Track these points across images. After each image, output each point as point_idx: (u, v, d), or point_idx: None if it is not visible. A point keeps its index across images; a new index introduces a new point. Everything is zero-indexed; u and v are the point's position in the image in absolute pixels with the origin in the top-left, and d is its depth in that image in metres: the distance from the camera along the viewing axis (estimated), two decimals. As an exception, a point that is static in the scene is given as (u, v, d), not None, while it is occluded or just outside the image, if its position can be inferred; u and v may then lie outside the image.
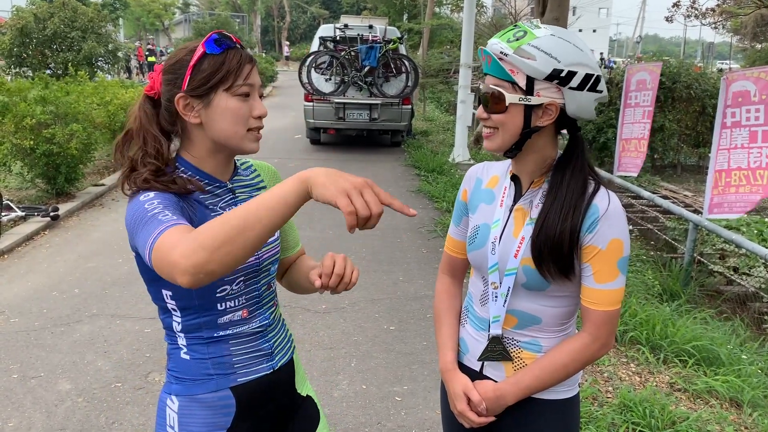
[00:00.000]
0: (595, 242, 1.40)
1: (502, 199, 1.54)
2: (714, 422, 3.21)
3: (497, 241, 1.51)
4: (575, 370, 1.47)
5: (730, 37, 31.14)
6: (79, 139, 7.41)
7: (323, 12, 47.99)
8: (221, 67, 1.32)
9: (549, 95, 1.38)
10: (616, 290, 1.42)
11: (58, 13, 14.52)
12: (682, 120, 10.37)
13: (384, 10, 24.23)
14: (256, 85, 1.38)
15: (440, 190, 8.37)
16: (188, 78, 1.33)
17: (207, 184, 1.42)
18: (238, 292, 1.43)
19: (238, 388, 1.45)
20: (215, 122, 1.35)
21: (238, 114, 1.35)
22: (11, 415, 3.30)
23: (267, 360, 1.50)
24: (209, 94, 1.33)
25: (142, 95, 1.43)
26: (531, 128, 1.42)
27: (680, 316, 4.54)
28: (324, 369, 3.82)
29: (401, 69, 11.48)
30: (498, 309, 1.53)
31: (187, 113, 1.35)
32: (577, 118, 1.43)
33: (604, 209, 1.39)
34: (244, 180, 1.51)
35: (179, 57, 1.36)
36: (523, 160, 1.49)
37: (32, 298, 4.83)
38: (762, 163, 5.00)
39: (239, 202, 1.45)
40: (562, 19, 6.42)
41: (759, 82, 5.03)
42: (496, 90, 1.41)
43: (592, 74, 1.37)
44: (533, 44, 1.35)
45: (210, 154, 1.41)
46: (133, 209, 1.26)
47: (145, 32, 52.28)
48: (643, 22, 53.92)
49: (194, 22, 38.45)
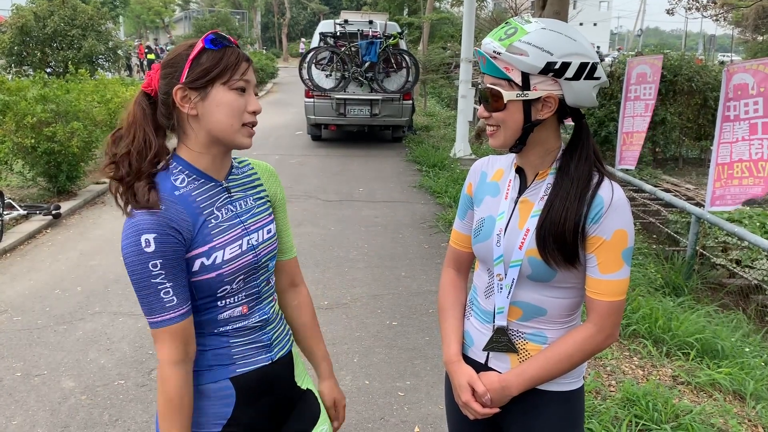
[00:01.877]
0: (600, 233, 1.41)
1: (507, 191, 1.55)
2: (717, 415, 3.21)
3: (502, 233, 1.51)
4: (580, 360, 1.48)
5: (732, 29, 31.05)
6: (80, 137, 7.41)
7: (323, 8, 47.91)
8: (220, 61, 1.36)
9: (546, 88, 1.40)
10: (621, 281, 1.42)
11: (58, 11, 14.51)
12: (684, 113, 10.34)
13: (384, 6, 24.14)
14: (251, 83, 1.42)
15: (442, 186, 8.36)
16: (187, 70, 1.35)
17: (203, 183, 1.42)
18: (237, 289, 1.45)
19: (237, 378, 1.47)
20: (211, 114, 1.37)
21: (234, 107, 1.37)
22: (15, 413, 3.31)
23: (266, 351, 1.52)
24: (207, 86, 1.36)
25: (139, 92, 1.44)
26: (532, 122, 1.43)
27: (683, 309, 4.54)
28: (327, 365, 3.82)
29: (402, 64, 11.46)
30: (503, 300, 1.53)
31: (185, 104, 1.37)
32: (578, 107, 1.44)
33: (609, 200, 1.40)
34: (239, 178, 1.52)
35: (178, 52, 1.39)
36: (528, 153, 1.50)
37: (35, 296, 4.84)
38: (764, 154, 4.98)
39: (235, 202, 1.47)
40: (562, 13, 6.39)
41: (757, 75, 5.00)
42: (494, 89, 1.42)
43: (587, 62, 1.37)
44: (524, 40, 1.36)
45: (205, 149, 1.41)
46: (132, 253, 1.30)
47: (145, 30, 52.26)
48: (643, 15, 53.76)
49: (194, 19, 38.37)
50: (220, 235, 1.40)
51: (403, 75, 11.47)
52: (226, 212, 1.44)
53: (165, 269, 1.31)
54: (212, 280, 1.39)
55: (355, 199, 8.06)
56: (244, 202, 1.49)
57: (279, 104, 18.80)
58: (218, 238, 1.40)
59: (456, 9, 22.28)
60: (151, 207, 1.31)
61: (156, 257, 1.30)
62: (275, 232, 1.55)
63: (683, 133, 10.78)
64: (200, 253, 1.37)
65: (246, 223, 1.47)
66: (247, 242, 1.45)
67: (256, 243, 1.48)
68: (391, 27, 11.81)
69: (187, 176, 1.41)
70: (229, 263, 1.41)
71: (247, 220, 1.48)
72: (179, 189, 1.39)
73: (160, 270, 1.31)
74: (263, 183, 1.58)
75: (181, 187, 1.39)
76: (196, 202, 1.39)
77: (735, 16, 23.57)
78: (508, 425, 1.62)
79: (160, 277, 1.31)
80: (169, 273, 1.32)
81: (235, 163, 1.54)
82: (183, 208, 1.36)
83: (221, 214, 1.43)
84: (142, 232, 1.29)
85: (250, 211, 1.50)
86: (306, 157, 10.74)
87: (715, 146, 5.36)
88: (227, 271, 1.40)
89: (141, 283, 1.32)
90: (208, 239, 1.38)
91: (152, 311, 1.33)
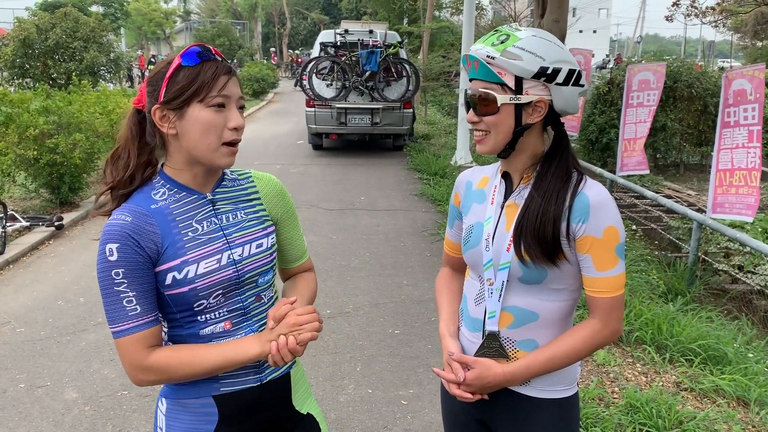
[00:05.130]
0: (591, 232, 1.42)
1: (493, 196, 1.57)
2: (721, 421, 3.20)
3: (491, 238, 1.53)
4: (586, 355, 1.49)
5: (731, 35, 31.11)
6: (82, 149, 7.43)
7: (323, 18, 48.06)
8: (195, 78, 1.33)
9: (537, 92, 1.44)
10: (619, 276, 1.45)
11: (60, 23, 14.56)
12: (684, 119, 10.35)
13: (384, 15, 24.22)
14: (233, 97, 1.37)
15: (443, 193, 8.37)
16: (164, 89, 1.34)
17: (184, 196, 1.42)
18: (217, 305, 1.42)
19: (220, 397, 1.44)
20: (189, 133, 1.35)
21: (211, 125, 1.34)
22: (19, 424, 3.31)
23: (254, 373, 1.48)
24: (183, 106, 1.34)
25: (131, 108, 1.44)
26: (522, 126, 1.46)
27: (685, 315, 4.53)
28: (330, 374, 3.83)
29: (402, 73, 11.50)
30: (494, 304, 1.53)
31: (164, 124, 1.36)
32: (564, 113, 1.49)
33: (595, 198, 1.43)
34: (230, 191, 1.49)
35: (159, 69, 1.37)
36: (514, 158, 1.53)
37: (38, 307, 4.84)
38: (756, 164, 4.99)
39: (220, 215, 1.45)
40: (562, 21, 6.40)
41: (754, 81, 5.02)
42: (487, 92, 1.45)
43: (574, 70, 1.44)
44: (518, 45, 1.41)
45: (186, 166, 1.41)
46: (99, 261, 1.34)
47: (146, 41, 52.45)
48: (643, 22, 53.84)
49: (195, 30, 38.50)
50: (195, 249, 1.38)
51: (404, 84, 11.51)
52: (208, 225, 1.42)
53: (127, 278, 1.32)
54: (186, 294, 1.37)
55: (356, 207, 8.07)
56: (232, 215, 1.46)
57: (280, 114, 18.85)
58: (193, 252, 1.38)
59: (456, 18, 22.37)
60: (105, 215, 1.39)
61: (118, 266, 1.31)
62: (269, 246, 1.51)
63: (684, 139, 10.79)
64: (171, 267, 1.36)
65: (229, 237, 1.44)
66: (227, 257, 1.42)
67: (238, 258, 1.43)
68: (391, 36, 11.86)
69: (168, 189, 1.41)
70: (203, 278, 1.38)
71: (232, 233, 1.44)
72: (157, 203, 1.39)
73: (122, 279, 1.31)
74: (262, 198, 1.54)
75: (159, 200, 1.39)
76: (172, 215, 1.39)
77: (734, 22, 23.63)
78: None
79: (123, 286, 1.32)
80: (132, 282, 1.32)
81: (233, 176, 1.53)
82: (155, 221, 1.36)
83: (201, 227, 1.41)
84: (107, 242, 1.32)
85: (237, 225, 1.46)
86: (307, 167, 10.77)
87: (715, 152, 5.36)
88: (201, 286, 1.38)
89: (105, 291, 1.33)
90: (180, 253, 1.37)
91: (115, 319, 1.33)
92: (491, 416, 1.61)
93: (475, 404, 1.56)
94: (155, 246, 1.35)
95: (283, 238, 1.61)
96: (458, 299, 1.73)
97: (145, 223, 1.35)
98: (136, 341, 1.32)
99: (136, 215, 1.35)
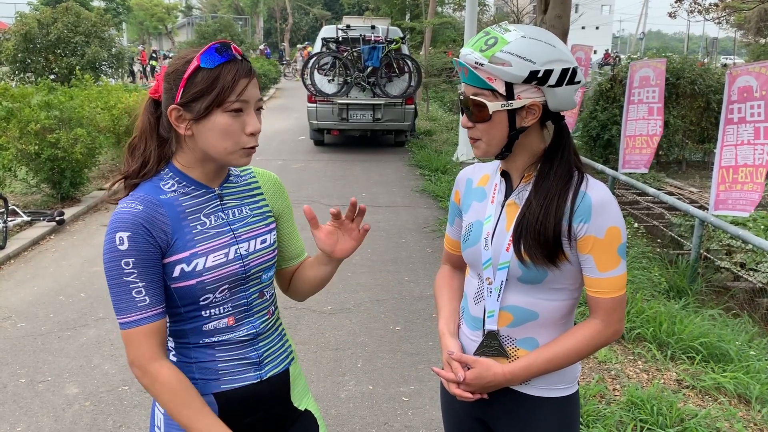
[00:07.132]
0: (592, 232, 1.41)
1: (493, 195, 1.55)
2: (723, 419, 3.20)
3: (490, 237, 1.51)
4: (587, 354, 1.48)
5: (734, 32, 31.03)
6: (83, 144, 7.43)
7: (325, 13, 48.03)
8: (214, 82, 1.30)
9: (529, 96, 1.40)
10: (620, 276, 1.43)
11: (62, 18, 14.55)
12: (687, 116, 10.33)
13: (386, 11, 24.20)
14: (251, 101, 1.35)
15: (444, 190, 8.36)
16: (182, 90, 1.32)
17: (193, 189, 1.42)
18: (222, 300, 1.42)
19: (221, 394, 1.44)
20: (205, 137, 1.34)
21: (229, 131, 1.33)
22: (19, 419, 3.31)
23: (255, 369, 1.48)
24: (200, 116, 1.32)
25: (147, 98, 1.43)
26: (517, 130, 1.43)
27: (687, 312, 4.52)
28: (330, 370, 3.82)
29: (404, 69, 11.47)
30: (493, 303, 1.52)
31: (180, 125, 1.35)
32: (560, 111, 1.45)
33: (597, 198, 1.40)
34: (237, 187, 1.50)
35: (177, 66, 1.35)
36: (513, 158, 1.51)
37: (39, 302, 4.84)
38: (764, 160, 4.97)
39: (227, 209, 1.45)
40: (564, 17, 6.38)
41: (760, 77, 5.00)
42: (478, 100, 1.42)
43: (568, 68, 1.39)
44: (506, 50, 1.36)
45: (198, 164, 1.41)
46: (107, 250, 1.31)
47: (148, 36, 52.42)
48: (645, 19, 53.79)
49: (197, 25, 38.40)
50: (204, 242, 1.38)
51: (406, 79, 11.48)
52: (216, 219, 1.42)
53: (137, 268, 1.30)
54: (193, 288, 1.37)
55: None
56: (238, 211, 1.47)
57: (282, 109, 18.83)
58: (202, 245, 1.38)
59: (458, 13, 22.35)
60: (114, 203, 1.38)
61: (129, 255, 1.29)
62: (272, 242, 1.51)
63: (686, 136, 10.77)
64: (180, 259, 1.35)
65: (236, 232, 1.44)
66: (235, 251, 1.42)
67: (245, 252, 1.44)
68: (393, 32, 11.83)
69: (177, 182, 1.41)
70: (211, 271, 1.38)
71: (238, 228, 1.45)
72: (166, 194, 1.38)
73: (132, 268, 1.30)
74: (264, 193, 1.55)
75: (168, 191, 1.39)
76: (181, 207, 1.38)
77: (737, 19, 23.55)
78: (501, 431, 1.61)
79: (133, 276, 1.30)
80: (142, 272, 1.31)
81: (236, 171, 1.53)
82: (165, 212, 1.36)
83: (209, 221, 1.41)
84: (117, 230, 1.30)
85: (243, 220, 1.47)
86: (309, 162, 10.76)
87: (718, 149, 5.35)
88: (209, 279, 1.37)
89: (114, 281, 1.30)
90: (189, 245, 1.36)
91: (123, 310, 1.30)
92: (491, 415, 1.61)
93: (475, 403, 1.55)
94: (165, 236, 1.34)
95: (283, 233, 1.61)
96: (458, 297, 1.72)
97: (156, 212, 1.34)
98: (143, 333, 1.31)
99: (148, 204, 1.34)
